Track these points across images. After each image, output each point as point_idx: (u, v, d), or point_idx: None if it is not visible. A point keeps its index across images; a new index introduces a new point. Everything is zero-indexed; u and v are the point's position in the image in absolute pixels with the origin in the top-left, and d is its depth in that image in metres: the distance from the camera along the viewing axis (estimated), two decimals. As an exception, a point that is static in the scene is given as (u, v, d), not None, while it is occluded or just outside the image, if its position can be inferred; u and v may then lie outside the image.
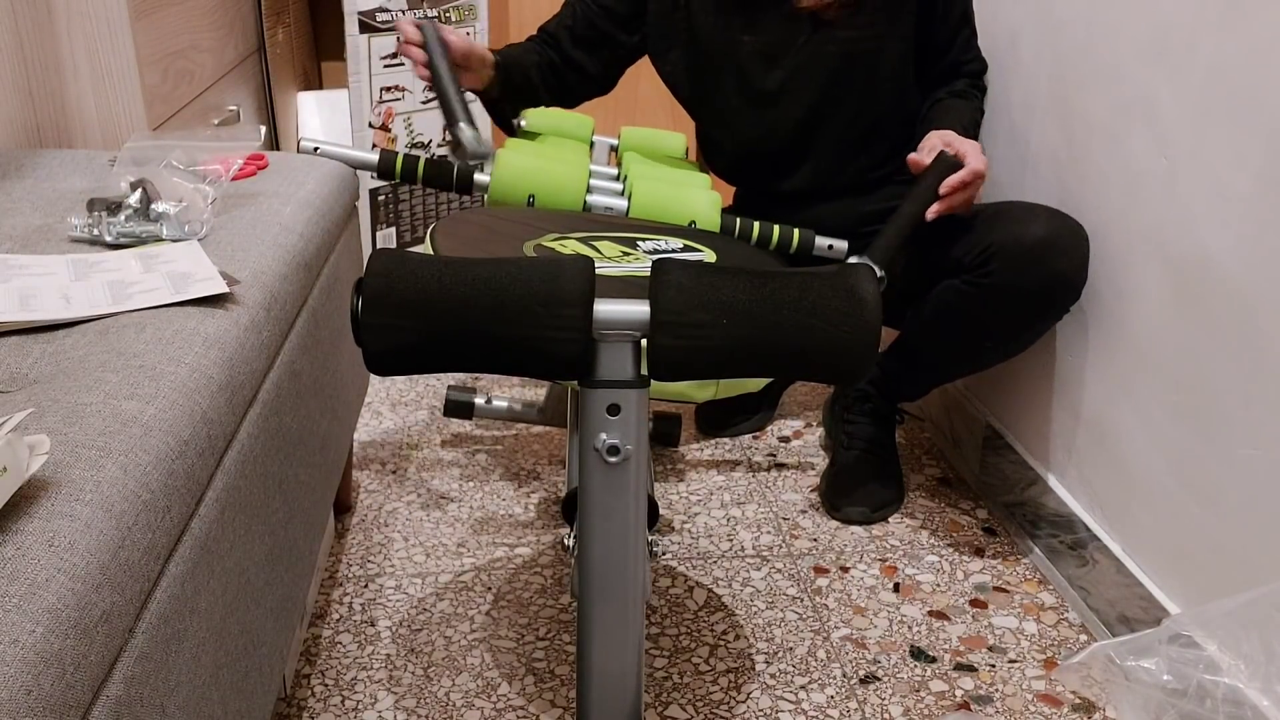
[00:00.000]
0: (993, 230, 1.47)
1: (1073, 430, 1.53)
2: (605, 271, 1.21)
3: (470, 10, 2.37)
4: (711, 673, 1.37)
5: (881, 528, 1.68)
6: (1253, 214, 1.17)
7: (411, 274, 0.82)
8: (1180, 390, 1.30)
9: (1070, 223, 1.45)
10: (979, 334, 1.53)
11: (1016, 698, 1.33)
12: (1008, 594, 1.53)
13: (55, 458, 0.71)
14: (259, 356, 0.98)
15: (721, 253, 1.33)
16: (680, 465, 1.85)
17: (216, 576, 0.83)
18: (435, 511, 1.69)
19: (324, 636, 1.41)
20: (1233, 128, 1.20)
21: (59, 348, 0.90)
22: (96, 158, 1.39)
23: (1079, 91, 1.50)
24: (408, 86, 2.31)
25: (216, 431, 0.85)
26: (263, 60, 2.21)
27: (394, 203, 2.37)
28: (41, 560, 0.62)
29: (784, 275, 0.85)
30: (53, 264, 1.04)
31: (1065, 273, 1.43)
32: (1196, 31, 1.25)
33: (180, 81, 1.70)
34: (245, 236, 1.13)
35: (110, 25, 1.50)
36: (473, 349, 0.83)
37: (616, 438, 0.87)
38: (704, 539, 1.64)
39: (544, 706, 1.30)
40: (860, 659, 1.40)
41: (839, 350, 0.83)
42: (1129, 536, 1.41)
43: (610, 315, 0.84)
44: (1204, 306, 1.25)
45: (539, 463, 1.84)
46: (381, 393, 2.07)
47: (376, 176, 1.59)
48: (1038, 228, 1.44)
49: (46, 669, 0.57)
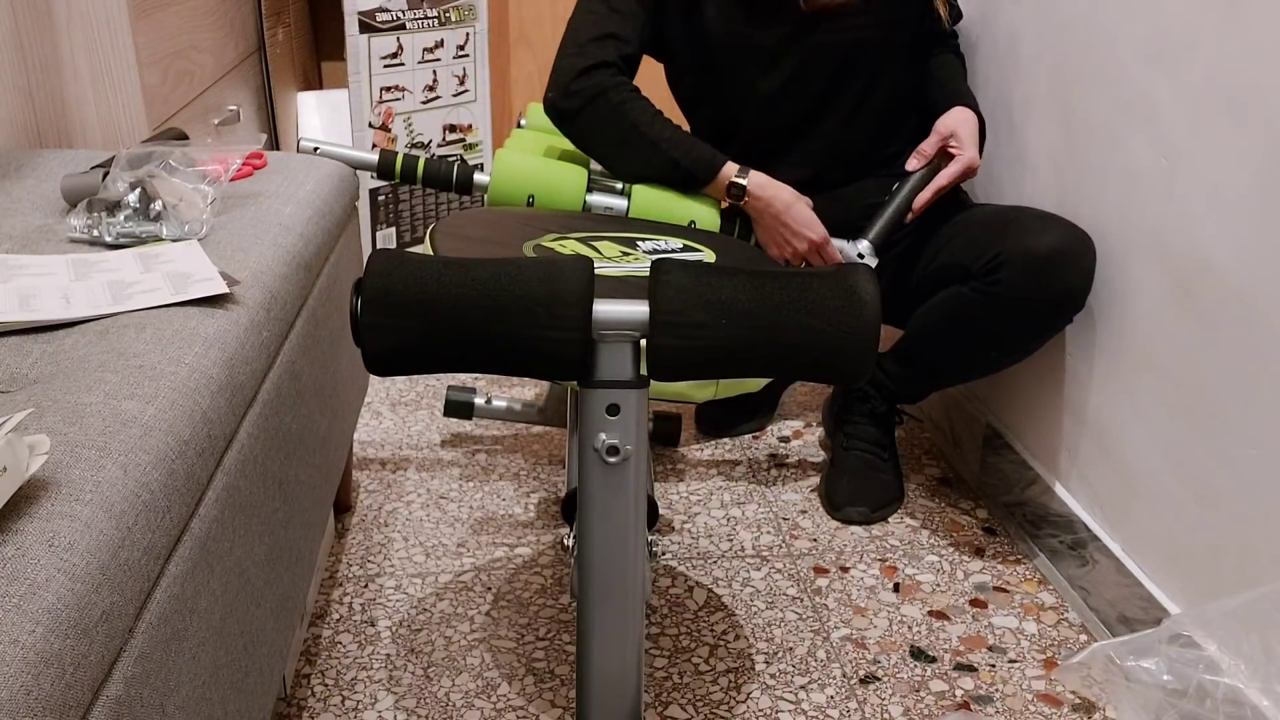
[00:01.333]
0: (1004, 239, 1.47)
1: (1073, 430, 1.53)
2: (605, 272, 1.21)
3: (470, 10, 2.37)
4: (711, 673, 1.37)
5: (881, 528, 1.68)
6: (1253, 214, 1.17)
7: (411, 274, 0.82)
8: (1180, 390, 1.30)
9: (1079, 234, 1.45)
10: (984, 341, 1.53)
11: (1016, 698, 1.33)
12: (1008, 594, 1.53)
13: (55, 458, 0.71)
14: (259, 356, 0.98)
15: (721, 253, 1.33)
16: (680, 465, 1.85)
17: (216, 576, 0.83)
18: (435, 511, 1.69)
19: (324, 636, 1.41)
20: (1233, 128, 1.20)
21: (59, 348, 0.90)
22: (96, 158, 1.39)
23: (1079, 91, 1.50)
24: (408, 86, 2.31)
25: (216, 431, 0.85)
26: (263, 60, 2.21)
27: (394, 203, 2.37)
28: (41, 560, 0.62)
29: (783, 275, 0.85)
30: (53, 264, 1.04)
31: (1073, 285, 1.44)
32: (1196, 31, 1.25)
33: (180, 81, 1.71)
34: (245, 236, 1.13)
35: (110, 25, 1.50)
36: (472, 349, 0.83)
37: (616, 438, 0.87)
38: (704, 539, 1.64)
39: (544, 706, 1.30)
40: (860, 659, 1.40)
41: (838, 350, 0.83)
42: (1129, 536, 1.41)
43: (609, 315, 0.84)
44: (1204, 306, 1.25)
45: (539, 463, 1.84)
46: (381, 393, 2.07)
47: (376, 176, 1.59)
48: (1049, 239, 1.44)
49: (46, 669, 0.57)
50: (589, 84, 1.50)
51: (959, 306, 1.52)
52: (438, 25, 2.32)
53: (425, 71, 2.33)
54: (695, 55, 1.64)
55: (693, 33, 1.62)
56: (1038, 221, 1.47)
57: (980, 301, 1.49)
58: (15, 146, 1.49)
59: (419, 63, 2.31)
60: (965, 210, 1.62)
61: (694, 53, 1.64)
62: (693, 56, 1.64)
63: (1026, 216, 1.49)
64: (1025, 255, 1.44)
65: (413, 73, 2.30)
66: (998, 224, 1.51)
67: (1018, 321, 1.48)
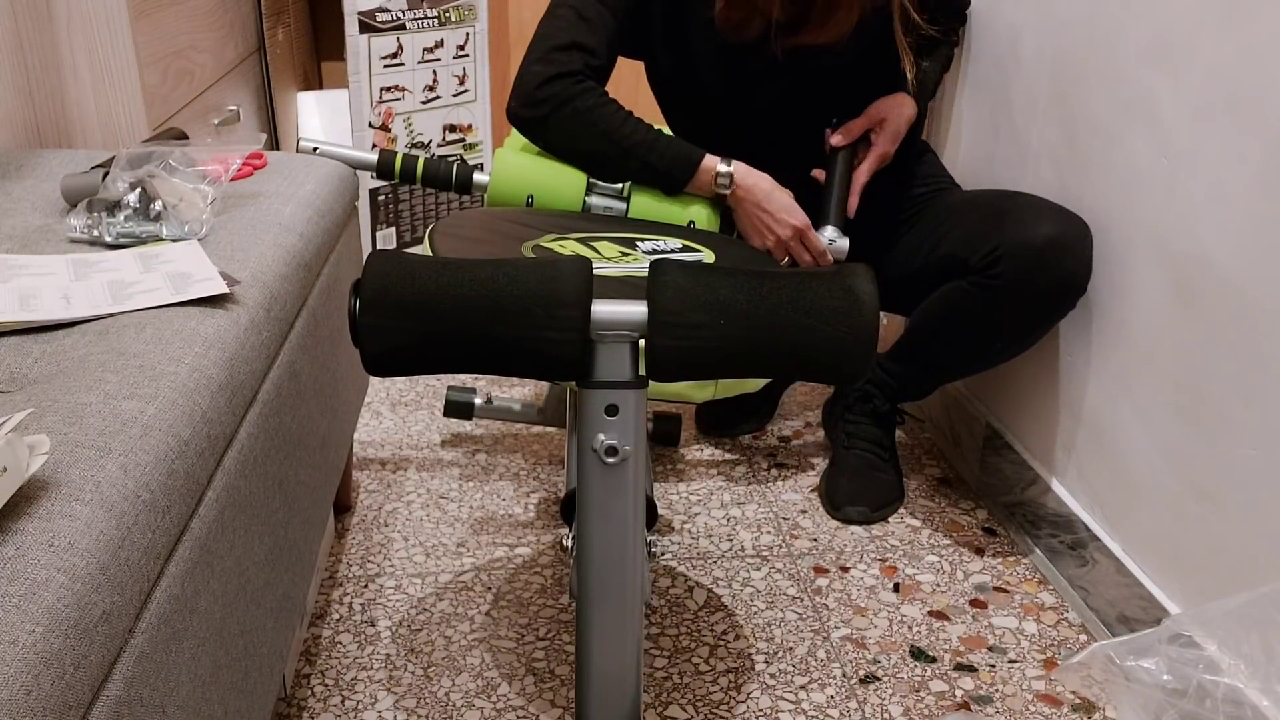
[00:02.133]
0: (1000, 230, 1.47)
1: (1073, 430, 1.53)
2: (603, 272, 1.21)
3: (470, 10, 2.38)
4: (711, 673, 1.37)
5: (881, 528, 1.68)
6: (1253, 214, 1.17)
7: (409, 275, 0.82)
8: (1180, 390, 1.30)
9: (1075, 220, 1.45)
10: (988, 334, 1.53)
11: (1016, 698, 1.33)
12: (1008, 594, 1.53)
13: (55, 458, 0.72)
14: (259, 356, 0.98)
15: (720, 253, 1.33)
16: (680, 465, 1.85)
17: (216, 576, 0.83)
18: (435, 511, 1.69)
19: (324, 636, 1.41)
20: (1233, 128, 1.20)
21: (59, 348, 0.90)
22: (96, 158, 1.39)
23: (1080, 91, 1.50)
24: (408, 86, 2.31)
25: (216, 431, 0.85)
26: (263, 60, 2.21)
27: (394, 203, 2.37)
28: (41, 560, 0.62)
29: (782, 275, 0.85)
30: (53, 264, 1.04)
31: (1074, 272, 1.44)
32: (1197, 32, 1.25)
33: (180, 81, 1.71)
34: (245, 236, 1.13)
35: (110, 25, 1.50)
36: (470, 350, 0.83)
37: (614, 438, 0.87)
38: (704, 539, 1.64)
39: (544, 706, 1.30)
40: (860, 659, 1.40)
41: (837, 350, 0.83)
42: (1129, 536, 1.41)
43: (608, 316, 0.84)
44: (1204, 306, 1.25)
45: (539, 463, 1.84)
46: (381, 393, 2.07)
47: (376, 176, 1.59)
48: (1046, 228, 1.44)
49: (46, 669, 0.57)
50: (552, 92, 1.47)
51: (959, 301, 1.52)
52: (438, 25, 2.32)
53: (425, 71, 2.33)
54: (679, 71, 1.64)
55: (676, 50, 1.61)
56: (1033, 210, 1.47)
57: (981, 295, 1.49)
58: (15, 146, 1.49)
59: (419, 63, 2.31)
60: (958, 195, 1.63)
61: (677, 70, 1.64)
62: (675, 72, 1.64)
63: (1021, 205, 1.49)
64: (1023, 246, 1.44)
65: (413, 73, 2.30)
66: (993, 213, 1.51)
67: (1020, 312, 1.48)
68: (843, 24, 1.50)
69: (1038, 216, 1.46)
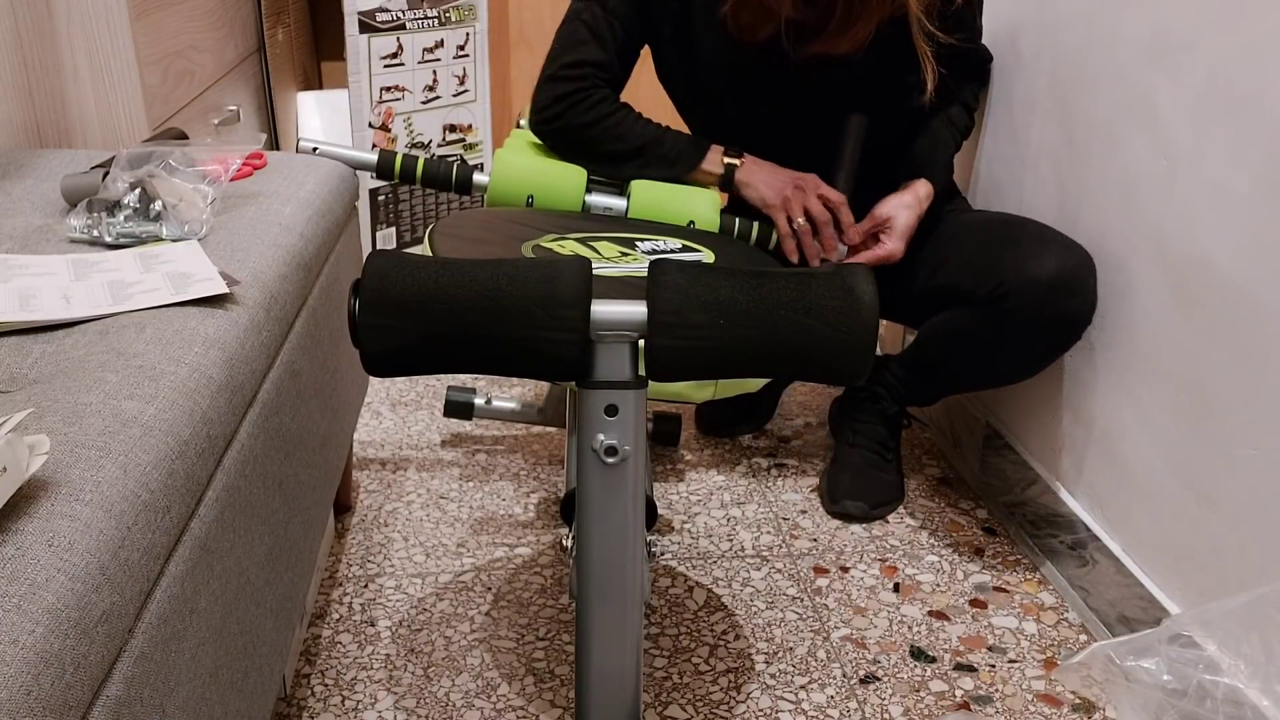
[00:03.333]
0: (1004, 265, 1.47)
1: (1073, 430, 1.53)
2: (603, 272, 1.21)
3: (470, 10, 2.38)
4: (711, 673, 1.37)
5: (881, 528, 1.68)
6: (1252, 215, 1.17)
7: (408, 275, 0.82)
8: (1180, 391, 1.30)
9: (1078, 254, 1.45)
10: (994, 360, 1.53)
11: (1016, 698, 1.33)
12: (1008, 594, 1.53)
13: (55, 458, 0.72)
14: (259, 356, 0.98)
15: (720, 253, 1.33)
16: (680, 465, 1.85)
17: (216, 576, 0.83)
18: (435, 511, 1.69)
19: (324, 636, 1.41)
20: (1232, 128, 1.20)
21: (59, 348, 0.90)
22: (96, 158, 1.39)
23: (1079, 91, 1.50)
24: (407, 86, 2.31)
25: (216, 431, 0.85)
26: (263, 60, 2.21)
27: (394, 203, 2.37)
28: (41, 560, 0.62)
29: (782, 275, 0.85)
30: (53, 264, 1.04)
31: (1079, 309, 1.44)
32: (1196, 32, 1.25)
33: (180, 81, 1.71)
34: (245, 236, 1.13)
35: (110, 25, 1.50)
36: (470, 350, 0.83)
37: (614, 438, 0.87)
38: (704, 539, 1.64)
39: (544, 706, 1.30)
40: (860, 659, 1.40)
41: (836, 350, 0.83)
42: (1129, 536, 1.41)
43: (608, 316, 0.84)
44: (1204, 307, 1.25)
45: (539, 463, 1.84)
46: (381, 393, 2.07)
47: (376, 176, 1.59)
48: (1050, 264, 1.43)
49: (46, 669, 0.57)
50: (560, 111, 1.55)
51: (967, 327, 1.53)
52: (438, 25, 2.32)
53: (425, 71, 2.33)
54: (688, 79, 1.64)
55: (685, 58, 1.61)
56: (1037, 244, 1.46)
57: (988, 325, 1.49)
58: (15, 146, 1.49)
59: (419, 63, 2.31)
60: (961, 219, 1.62)
61: (687, 77, 1.63)
62: (686, 80, 1.64)
63: (1024, 236, 1.49)
64: (1029, 284, 1.44)
65: (413, 73, 2.30)
66: (995, 244, 1.50)
67: (1025, 345, 1.49)
68: (860, 34, 1.49)
69: (1042, 250, 1.45)
